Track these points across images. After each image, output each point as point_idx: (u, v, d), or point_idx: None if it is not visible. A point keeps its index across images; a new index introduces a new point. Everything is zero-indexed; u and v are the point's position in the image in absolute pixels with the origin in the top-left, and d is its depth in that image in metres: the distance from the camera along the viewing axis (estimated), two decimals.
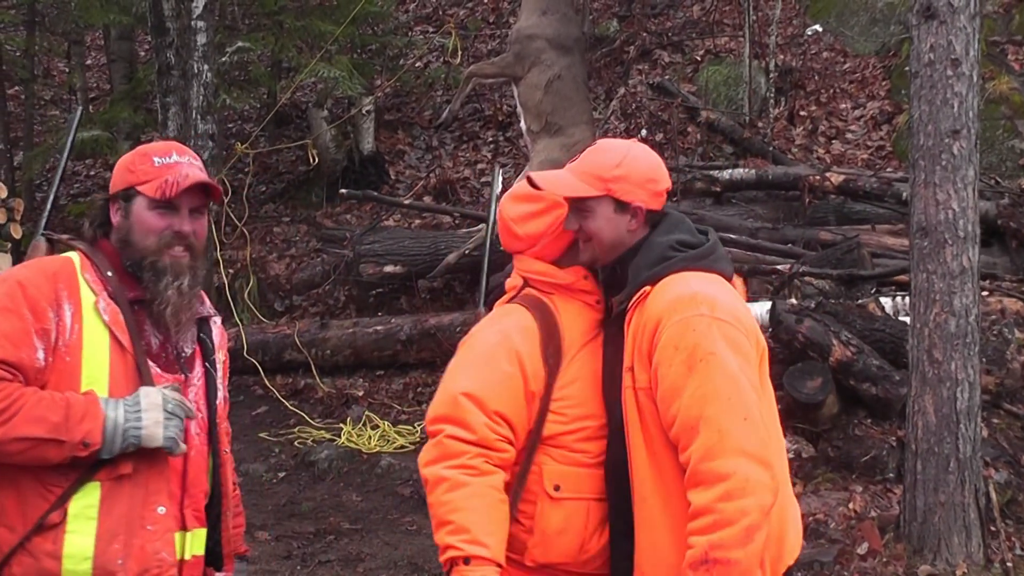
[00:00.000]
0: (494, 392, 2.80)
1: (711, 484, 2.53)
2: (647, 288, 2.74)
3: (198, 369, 2.93)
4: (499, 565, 2.69)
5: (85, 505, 2.65)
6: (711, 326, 2.64)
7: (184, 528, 2.79)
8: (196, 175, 2.85)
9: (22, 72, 15.21)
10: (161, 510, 2.73)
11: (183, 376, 2.86)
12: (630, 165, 2.87)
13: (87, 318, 2.71)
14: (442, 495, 2.72)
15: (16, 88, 15.44)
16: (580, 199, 2.86)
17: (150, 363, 2.78)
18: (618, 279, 2.86)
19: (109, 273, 2.80)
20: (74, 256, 2.82)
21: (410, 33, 15.95)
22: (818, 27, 14.46)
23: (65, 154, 3.33)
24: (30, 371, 2.63)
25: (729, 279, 2.86)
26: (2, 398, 2.56)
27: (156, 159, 2.86)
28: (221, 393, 3.01)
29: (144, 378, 2.74)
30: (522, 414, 2.82)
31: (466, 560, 2.66)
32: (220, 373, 3.01)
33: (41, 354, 2.66)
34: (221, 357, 3.04)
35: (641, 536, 2.74)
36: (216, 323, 3.06)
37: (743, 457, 2.54)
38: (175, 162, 2.87)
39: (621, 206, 2.84)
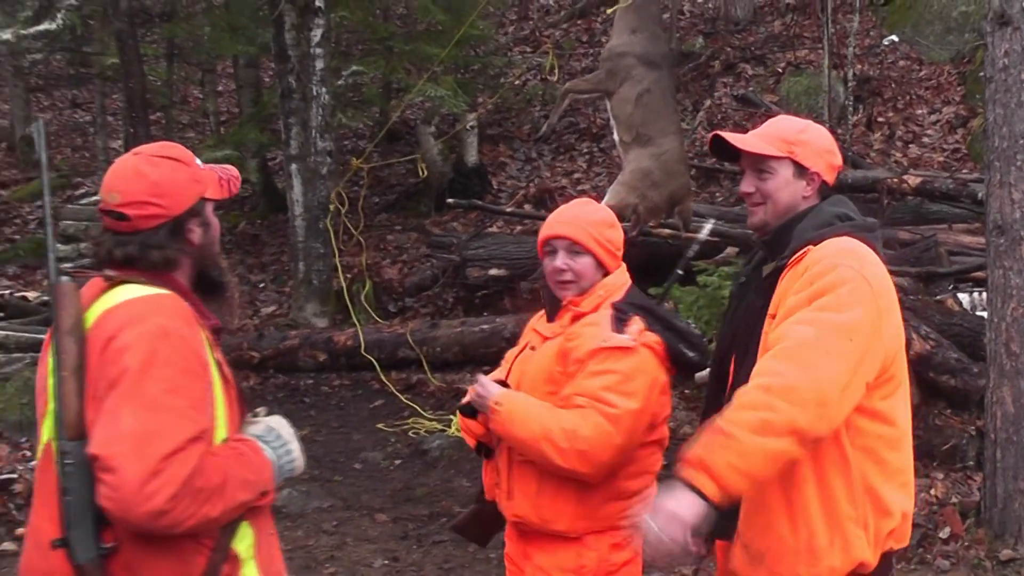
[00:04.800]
0: None
1: (761, 375, 2.39)
2: (809, 247, 2.60)
3: None
4: None
5: (247, 546, 2.33)
6: (856, 278, 2.49)
7: None
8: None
9: (163, 99, 15.57)
10: (272, 533, 2.47)
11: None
12: (813, 134, 2.78)
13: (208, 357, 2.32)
14: None
15: (158, 113, 15.79)
16: (762, 158, 2.73)
17: None
18: (779, 243, 2.72)
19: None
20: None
21: (509, 54, 15.99)
22: (894, 37, 14.15)
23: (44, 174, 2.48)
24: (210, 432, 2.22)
25: (884, 263, 2.67)
26: (216, 471, 2.16)
27: (197, 162, 2.45)
28: None
29: (243, 409, 2.41)
30: None
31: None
32: None
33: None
34: None
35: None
36: None
37: (803, 371, 2.35)
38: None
39: (800, 171, 2.73)
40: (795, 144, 2.72)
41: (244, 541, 2.32)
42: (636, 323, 3.05)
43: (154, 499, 2.05)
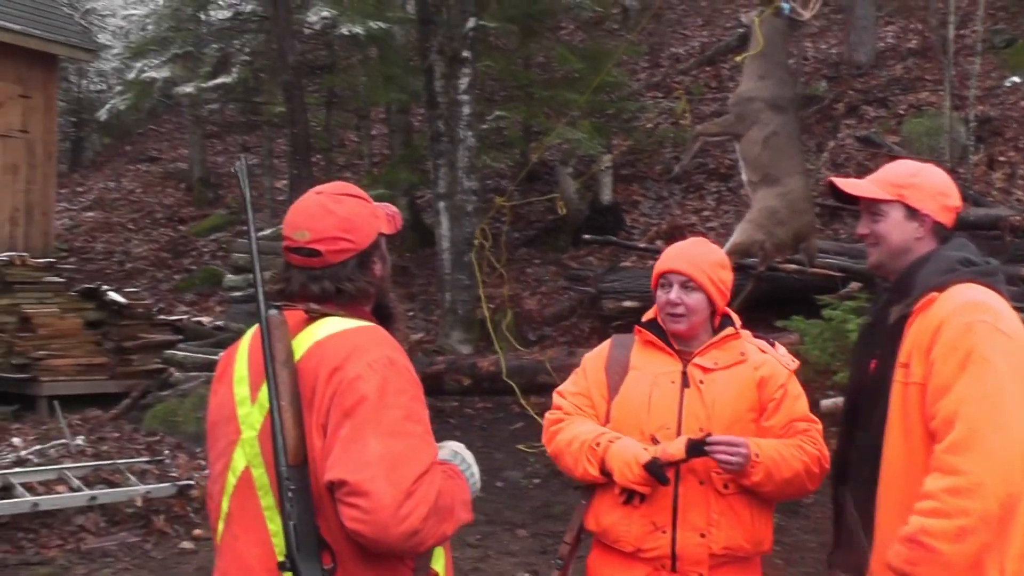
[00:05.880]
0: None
1: (945, 474, 2.29)
2: (934, 294, 2.51)
3: None
4: None
5: (442, 566, 2.32)
6: (992, 334, 2.40)
7: None
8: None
9: (322, 143, 16.02)
10: None
11: None
12: (925, 177, 2.70)
13: None
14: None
15: (318, 156, 16.26)
16: (873, 202, 2.69)
17: None
18: (904, 287, 2.63)
19: None
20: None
21: (642, 99, 15.96)
22: (1016, 78, 13.63)
23: (248, 210, 2.39)
24: None
25: (1008, 301, 2.57)
26: (447, 492, 2.15)
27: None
28: None
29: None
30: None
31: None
32: None
33: None
34: None
35: (881, 519, 2.51)
36: None
37: (986, 462, 2.27)
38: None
39: (911, 213, 2.66)
40: (905, 187, 2.66)
41: (440, 561, 2.29)
42: (780, 345, 3.14)
43: (409, 520, 2.02)
